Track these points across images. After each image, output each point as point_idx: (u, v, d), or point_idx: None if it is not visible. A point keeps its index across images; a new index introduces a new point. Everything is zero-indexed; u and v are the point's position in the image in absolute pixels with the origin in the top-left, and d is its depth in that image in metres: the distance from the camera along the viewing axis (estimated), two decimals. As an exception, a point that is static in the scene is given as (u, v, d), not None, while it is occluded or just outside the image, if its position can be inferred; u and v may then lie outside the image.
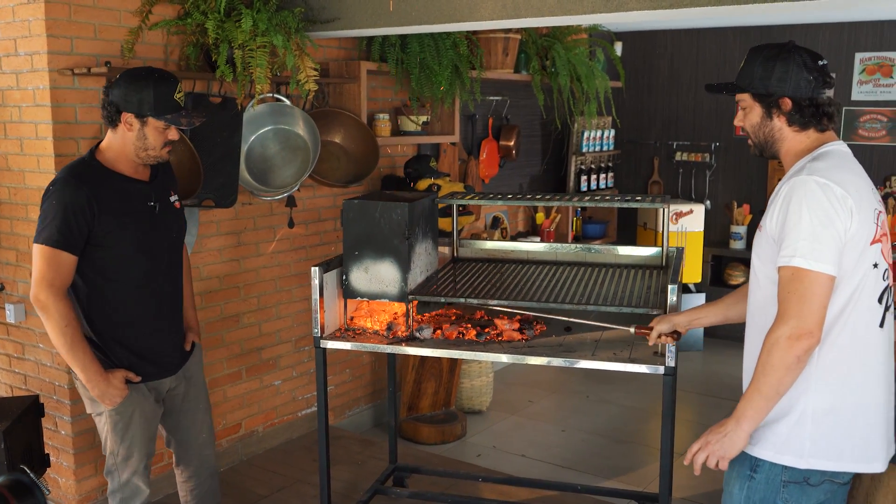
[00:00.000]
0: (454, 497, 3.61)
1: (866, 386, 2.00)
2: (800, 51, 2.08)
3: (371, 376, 4.87)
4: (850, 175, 1.98)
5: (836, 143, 2.07)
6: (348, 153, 4.26)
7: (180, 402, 2.89)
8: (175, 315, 2.82)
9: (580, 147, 6.20)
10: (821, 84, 2.05)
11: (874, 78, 6.06)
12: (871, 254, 1.97)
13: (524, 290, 3.09)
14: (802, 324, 1.88)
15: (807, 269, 1.89)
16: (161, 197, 2.73)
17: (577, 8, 3.06)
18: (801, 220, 1.92)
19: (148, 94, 2.55)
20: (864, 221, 1.94)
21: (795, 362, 1.90)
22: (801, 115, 2.06)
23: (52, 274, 2.51)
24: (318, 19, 3.66)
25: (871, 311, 1.99)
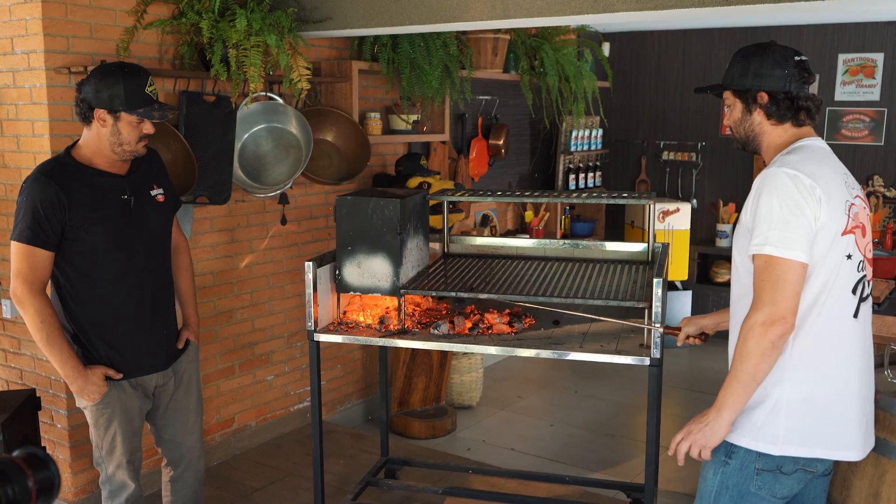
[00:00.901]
0: (445, 489, 3.67)
1: (840, 375, 2.04)
2: (777, 47, 2.14)
3: (362, 372, 4.93)
4: (821, 167, 2.03)
5: (813, 138, 2.13)
6: (340, 151, 4.32)
7: (169, 400, 2.86)
8: (160, 311, 2.78)
9: (568, 146, 6.28)
10: (797, 78, 2.10)
11: (857, 79, 6.17)
12: (842, 244, 2.01)
13: (514, 285, 3.15)
14: (776, 310, 1.93)
15: (778, 256, 1.94)
16: (138, 190, 2.69)
17: (565, 9, 3.13)
18: (771, 210, 1.97)
19: (118, 89, 2.54)
20: (833, 211, 1.98)
21: (770, 348, 1.94)
22: (778, 108, 2.12)
23: (26, 270, 2.53)
24: (311, 19, 3.71)
25: (845, 301, 2.03)
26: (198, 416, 2.96)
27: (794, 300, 1.95)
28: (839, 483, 2.35)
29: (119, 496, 2.80)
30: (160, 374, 2.82)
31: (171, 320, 2.87)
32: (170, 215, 2.85)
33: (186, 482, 2.97)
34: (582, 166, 6.43)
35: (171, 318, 2.87)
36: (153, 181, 2.78)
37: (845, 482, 2.33)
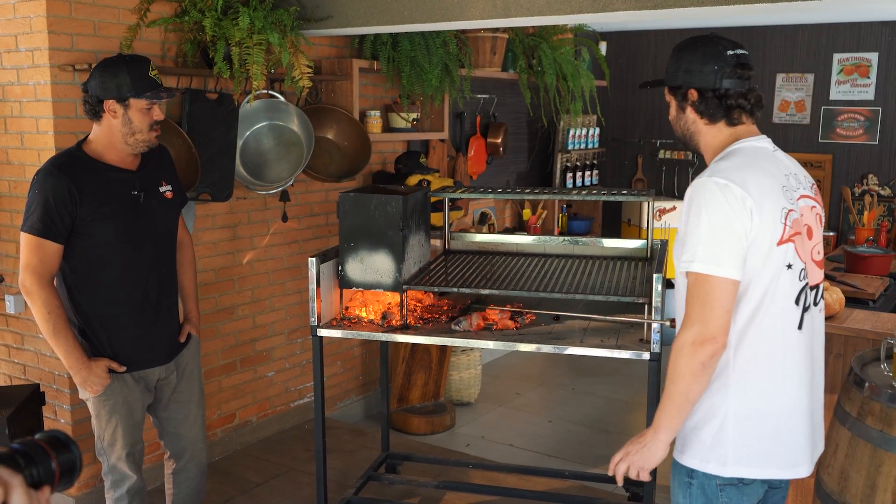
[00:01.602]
0: (446, 483, 3.71)
1: (786, 390, 1.95)
2: (712, 41, 2.03)
3: (362, 368, 4.96)
4: (754, 173, 1.92)
5: (749, 139, 2.03)
6: (341, 149, 4.36)
7: (171, 393, 2.89)
8: (164, 306, 2.81)
9: (566, 145, 6.31)
10: (727, 74, 1.98)
11: (851, 78, 6.22)
12: (779, 255, 1.91)
13: (515, 281, 3.19)
14: (705, 329, 1.84)
15: (706, 273, 1.85)
16: (148, 186, 2.72)
17: (565, 8, 3.16)
18: (700, 224, 1.88)
19: (124, 78, 2.57)
20: (767, 222, 1.88)
21: (701, 369, 1.86)
22: (707, 106, 2.02)
23: (35, 261, 2.56)
24: (312, 17, 3.74)
25: (787, 312, 1.94)
26: (199, 408, 2.98)
27: (725, 319, 1.85)
28: (836, 475, 2.39)
29: (120, 487, 2.83)
30: (162, 368, 2.84)
31: (175, 315, 2.91)
32: (177, 212, 2.89)
33: (189, 474, 2.99)
34: (579, 165, 6.47)
35: (174, 313, 2.90)
36: (162, 177, 2.81)
37: (843, 473, 2.37)
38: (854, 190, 6.21)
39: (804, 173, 2.10)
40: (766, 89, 6.50)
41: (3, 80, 3.45)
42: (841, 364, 3.30)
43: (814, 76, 6.34)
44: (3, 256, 3.64)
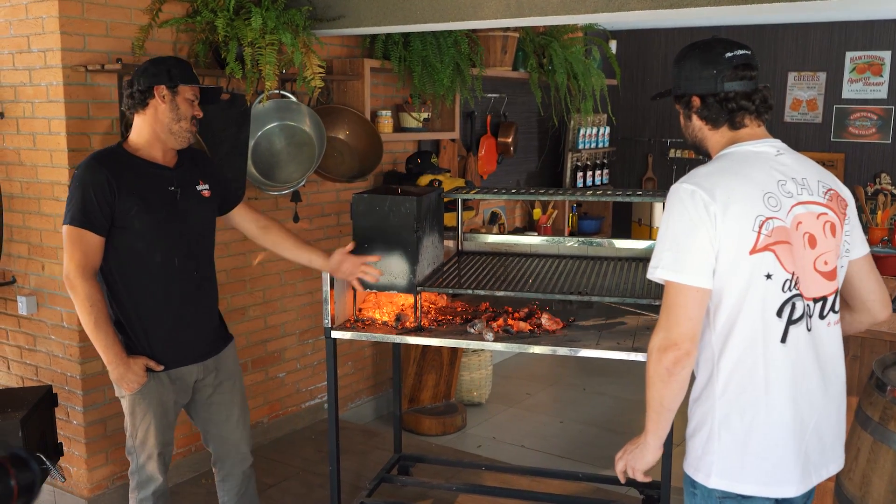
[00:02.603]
0: (459, 485, 3.69)
1: (769, 404, 1.89)
2: (708, 45, 2.01)
3: (373, 368, 4.95)
4: (728, 179, 1.88)
5: (746, 143, 1.98)
6: (352, 149, 4.34)
7: (211, 394, 2.88)
8: (201, 303, 2.82)
9: (576, 144, 6.29)
10: (727, 77, 1.96)
11: (864, 76, 6.18)
12: (753, 264, 1.85)
13: (528, 283, 3.17)
14: (670, 335, 1.84)
15: (670, 280, 1.85)
16: (185, 183, 2.75)
17: (579, 7, 3.14)
18: (667, 229, 1.88)
19: (174, 67, 2.69)
20: (733, 229, 1.83)
21: (667, 374, 1.86)
22: (709, 111, 1.99)
23: (77, 254, 2.59)
24: (324, 17, 3.73)
25: (768, 325, 1.87)
26: (243, 410, 2.96)
27: (689, 326, 1.84)
28: (858, 480, 2.37)
29: (146, 488, 2.82)
30: (200, 368, 2.83)
31: (214, 313, 2.89)
32: (213, 211, 2.88)
33: (236, 481, 2.97)
34: (589, 164, 6.44)
35: (213, 311, 2.88)
36: (199, 176, 2.82)
37: (864, 478, 2.34)
38: (867, 189, 6.18)
39: (820, 178, 1.99)
40: (778, 88, 6.46)
41: (15, 81, 3.44)
42: (858, 366, 3.28)
43: (826, 74, 6.30)
44: (14, 258, 3.63)
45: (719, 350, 1.90)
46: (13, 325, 3.71)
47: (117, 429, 3.65)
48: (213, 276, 2.90)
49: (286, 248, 3.02)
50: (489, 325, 3.08)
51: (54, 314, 3.52)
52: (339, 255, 2.98)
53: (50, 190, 3.42)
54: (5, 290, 3.68)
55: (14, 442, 2.98)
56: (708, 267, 1.84)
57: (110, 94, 3.42)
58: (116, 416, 3.63)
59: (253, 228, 3.00)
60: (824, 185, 1.99)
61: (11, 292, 3.67)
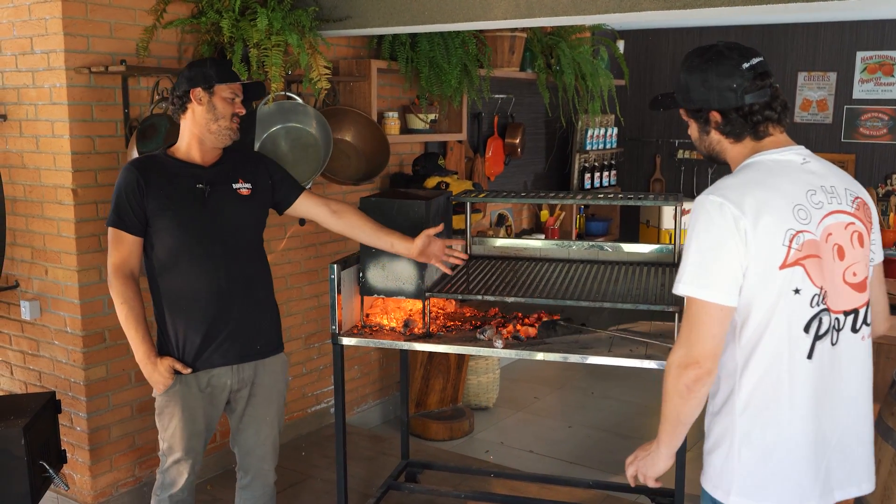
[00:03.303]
0: (468, 493, 3.64)
1: (791, 421, 1.84)
2: (721, 55, 1.91)
3: (379, 373, 4.90)
4: (757, 191, 1.81)
5: (771, 151, 1.91)
6: (359, 151, 4.29)
7: (244, 406, 2.83)
8: (235, 304, 2.73)
9: (584, 145, 6.23)
10: (748, 89, 1.88)
11: (875, 77, 6.12)
12: (781, 279, 1.79)
13: (538, 288, 3.12)
14: (691, 353, 1.79)
15: (693, 297, 1.80)
16: (217, 181, 2.71)
17: (590, 7, 3.08)
18: (691, 244, 1.82)
19: (211, 68, 2.70)
20: (764, 244, 1.78)
21: (686, 391, 1.82)
22: (732, 126, 1.92)
23: (115, 253, 2.66)
24: (331, 18, 3.68)
25: (794, 341, 1.82)
26: (273, 428, 2.88)
27: (712, 344, 1.79)
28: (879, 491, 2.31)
29: (167, 490, 2.80)
30: (233, 376, 2.77)
31: (248, 316, 2.79)
32: (255, 210, 2.80)
33: (255, 493, 2.92)
34: (597, 165, 6.39)
35: (247, 314, 2.78)
36: (241, 175, 2.77)
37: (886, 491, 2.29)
38: (878, 191, 6.11)
39: (847, 186, 1.93)
40: (788, 88, 6.40)
41: (18, 83, 3.40)
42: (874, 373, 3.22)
43: (836, 75, 6.24)
44: (18, 262, 3.59)
45: (742, 365, 1.85)
46: (16, 329, 3.67)
47: (121, 435, 3.61)
48: (255, 277, 2.81)
49: (364, 232, 2.93)
50: (499, 332, 3.03)
51: (58, 319, 3.48)
52: (425, 238, 2.89)
53: (53, 193, 3.38)
54: (8, 294, 3.63)
55: (16, 450, 2.94)
56: (735, 284, 1.78)
57: (114, 96, 3.38)
58: (120, 422, 3.59)
59: (324, 214, 2.92)
60: (851, 192, 1.93)
61: (14, 297, 3.62)
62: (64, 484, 3.12)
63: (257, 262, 2.83)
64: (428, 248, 2.91)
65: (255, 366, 2.81)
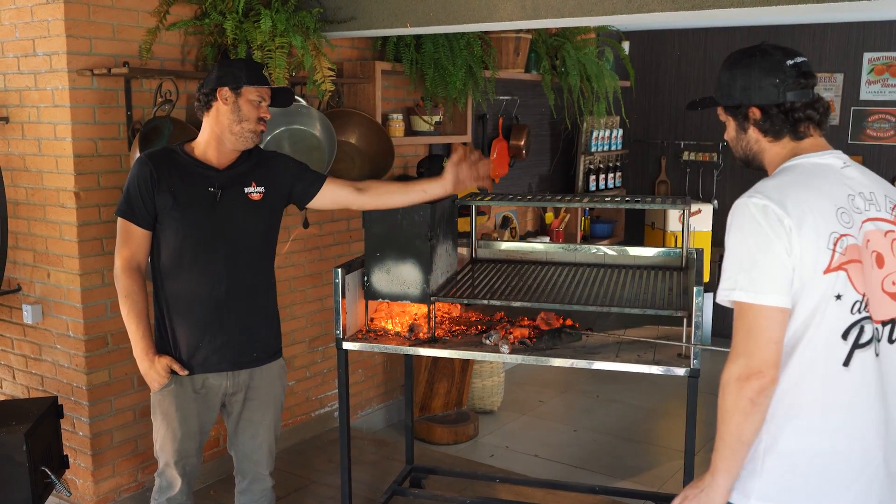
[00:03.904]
0: (473, 499, 3.61)
1: (824, 430, 1.77)
2: (765, 52, 1.89)
3: (383, 376, 4.87)
4: (799, 192, 1.77)
5: (810, 154, 1.87)
6: (363, 153, 4.26)
7: (241, 410, 2.80)
8: (235, 310, 2.70)
9: (589, 146, 6.20)
10: (790, 86, 1.85)
11: (882, 78, 6.07)
12: (824, 284, 1.73)
13: (544, 292, 3.08)
14: (751, 363, 1.71)
15: (749, 302, 1.72)
16: (229, 185, 2.66)
17: (597, 9, 3.05)
18: (738, 248, 1.76)
19: (241, 69, 2.66)
20: (809, 246, 1.72)
21: (749, 405, 1.72)
22: (773, 124, 1.89)
23: (121, 244, 2.64)
24: (335, 19, 3.65)
25: (832, 348, 1.76)
26: (269, 433, 2.85)
27: (772, 350, 1.71)
28: None
29: (164, 494, 2.78)
30: (228, 380, 2.74)
31: (246, 325, 2.75)
32: (266, 215, 2.76)
33: (253, 497, 2.90)
34: (602, 167, 6.35)
35: (245, 323, 2.74)
36: (254, 178, 2.72)
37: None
38: (885, 192, 6.07)
39: (887, 193, 1.89)
40: (794, 89, 6.36)
41: (20, 86, 3.37)
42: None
43: (843, 76, 6.19)
44: (19, 265, 3.57)
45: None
46: (18, 333, 3.65)
47: (124, 440, 3.58)
48: (258, 283, 2.77)
49: (393, 195, 2.90)
50: (504, 337, 3.00)
51: (60, 323, 3.45)
52: (452, 169, 2.87)
53: (55, 196, 3.35)
54: (10, 298, 3.61)
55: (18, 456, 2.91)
56: (787, 285, 1.72)
57: (117, 99, 3.35)
58: (123, 426, 3.57)
59: (351, 196, 2.88)
60: (891, 199, 1.88)
61: (16, 300, 3.60)
62: (66, 490, 3.09)
63: (261, 269, 2.79)
64: (459, 175, 2.89)
65: (252, 370, 2.78)
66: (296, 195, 2.84)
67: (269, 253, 2.83)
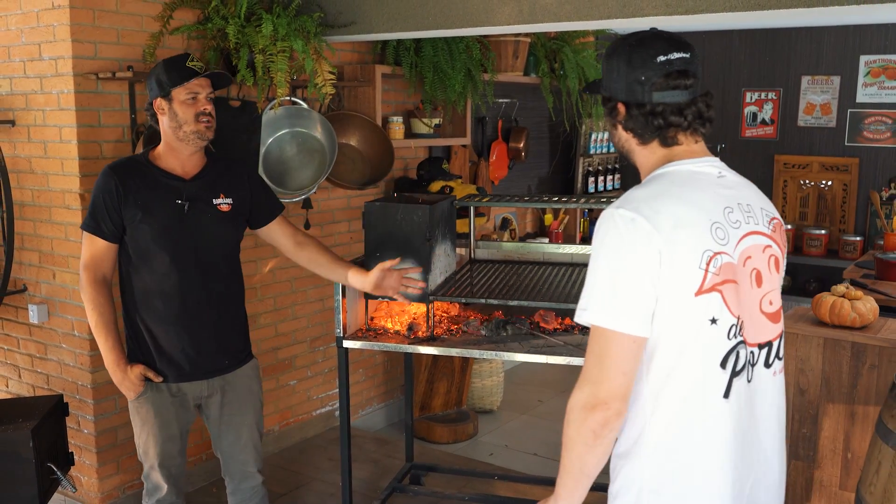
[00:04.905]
0: (472, 496, 3.66)
1: (706, 468, 1.64)
2: (642, 42, 1.67)
3: (384, 376, 4.92)
4: (672, 205, 1.59)
5: (683, 161, 1.68)
6: (363, 156, 4.32)
7: (219, 413, 2.81)
8: (206, 320, 2.71)
9: (588, 149, 6.25)
10: (657, 86, 1.64)
11: (879, 80, 6.12)
12: (698, 307, 1.57)
13: (542, 292, 3.14)
14: (597, 392, 1.56)
15: (602, 327, 1.57)
16: (197, 196, 2.66)
17: (593, 13, 3.11)
18: (598, 263, 1.59)
19: (162, 73, 2.61)
20: (679, 267, 1.55)
21: (592, 437, 1.59)
22: (635, 123, 1.69)
23: (87, 258, 2.63)
24: (336, 23, 3.71)
25: (710, 377, 1.61)
26: (252, 431, 2.87)
27: (621, 382, 1.56)
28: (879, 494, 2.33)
29: (152, 496, 2.81)
30: (202, 386, 2.76)
31: (224, 331, 2.78)
32: (233, 226, 2.77)
33: (245, 496, 2.91)
34: (601, 169, 6.41)
35: (223, 329, 2.77)
36: (221, 190, 2.72)
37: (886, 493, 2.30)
38: (882, 194, 6.12)
39: (763, 206, 1.74)
40: (792, 92, 6.42)
41: (26, 89, 3.43)
42: (875, 375, 3.23)
43: (840, 78, 6.25)
44: (25, 266, 3.62)
45: (652, 404, 1.64)
46: (24, 333, 3.70)
47: (128, 438, 3.63)
48: (228, 293, 2.79)
49: (321, 265, 2.90)
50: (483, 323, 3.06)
51: (65, 323, 3.51)
52: (379, 272, 2.85)
53: (61, 198, 3.41)
54: (16, 298, 3.67)
55: (25, 452, 2.97)
56: (648, 312, 1.57)
57: (121, 102, 3.41)
58: (127, 425, 3.60)
59: (289, 245, 2.89)
60: (767, 213, 1.74)
61: (22, 300, 3.66)
62: (72, 486, 3.14)
63: (230, 278, 2.80)
64: (384, 280, 2.86)
65: (224, 375, 2.80)
66: (252, 217, 2.83)
67: (237, 261, 2.85)
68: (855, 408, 3.19)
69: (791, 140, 6.49)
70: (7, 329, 3.78)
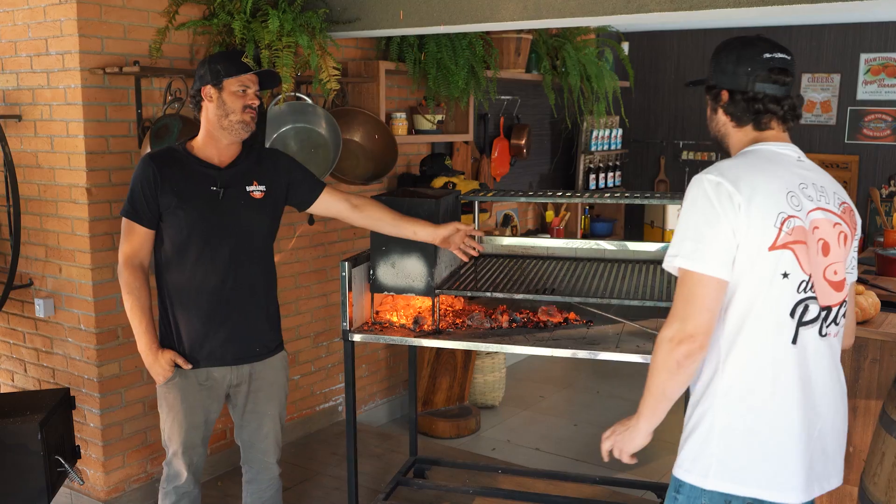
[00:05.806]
0: (476, 489, 3.68)
1: (776, 407, 1.85)
2: (751, 42, 1.99)
3: (387, 371, 4.94)
4: (753, 173, 1.86)
5: (769, 143, 1.97)
6: (367, 151, 4.34)
7: (244, 402, 2.85)
8: (238, 306, 2.76)
9: (589, 146, 6.28)
10: (761, 78, 1.94)
11: (879, 78, 6.15)
12: (771, 261, 1.82)
13: (546, 285, 3.16)
14: (685, 327, 1.79)
15: (689, 269, 1.81)
16: (231, 184, 2.72)
17: (598, 9, 3.12)
18: (687, 219, 1.85)
19: (218, 62, 2.70)
20: (756, 223, 1.80)
21: (676, 367, 1.81)
22: (736, 108, 1.98)
23: (125, 243, 2.70)
24: (340, 19, 3.72)
25: (780, 325, 1.84)
26: (274, 422, 2.90)
27: (706, 317, 1.79)
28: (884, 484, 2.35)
29: (171, 482, 2.84)
30: (231, 373, 2.80)
31: (255, 319, 2.81)
32: (268, 212, 2.81)
33: (261, 486, 2.95)
34: (602, 166, 6.44)
35: (247, 318, 2.80)
36: (256, 176, 2.77)
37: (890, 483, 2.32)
38: (882, 191, 6.15)
39: (836, 190, 1.98)
40: (792, 90, 6.43)
41: (33, 84, 3.45)
42: (878, 369, 3.26)
43: (840, 76, 6.28)
44: (31, 260, 3.64)
45: (727, 349, 1.86)
46: (30, 327, 3.72)
47: (134, 431, 3.65)
48: (261, 281, 2.82)
49: (385, 222, 2.95)
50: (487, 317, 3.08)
51: (71, 317, 3.52)
52: (453, 228, 2.94)
53: (67, 192, 3.43)
54: (22, 292, 3.68)
55: (33, 445, 2.99)
56: (729, 258, 1.80)
57: (128, 97, 3.43)
58: (133, 418, 3.64)
59: (346, 210, 2.94)
60: (839, 196, 1.98)
61: (28, 295, 3.67)
62: (79, 478, 3.17)
63: (263, 266, 2.84)
64: (454, 237, 2.95)
65: (254, 363, 2.84)
66: (296, 199, 2.89)
67: (271, 250, 2.89)
68: (857, 402, 3.22)
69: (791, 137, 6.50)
70: (13, 323, 3.79)
